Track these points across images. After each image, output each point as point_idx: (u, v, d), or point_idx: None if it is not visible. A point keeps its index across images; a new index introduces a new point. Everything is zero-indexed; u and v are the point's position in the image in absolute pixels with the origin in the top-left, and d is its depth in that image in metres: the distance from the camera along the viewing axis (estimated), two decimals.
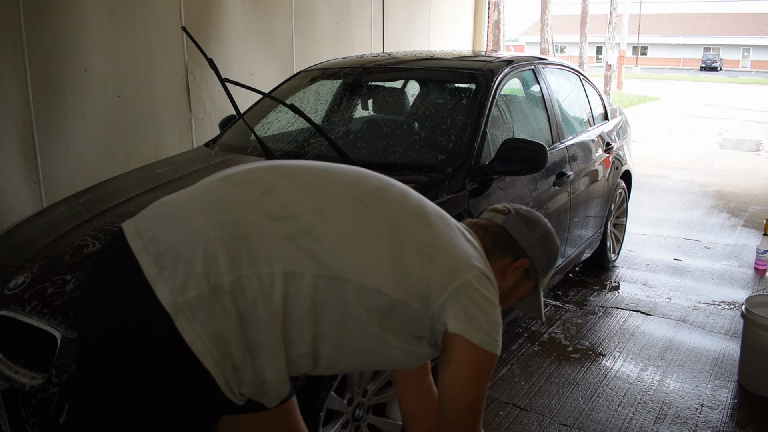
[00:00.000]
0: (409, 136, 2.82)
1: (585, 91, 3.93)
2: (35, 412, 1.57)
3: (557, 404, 2.53)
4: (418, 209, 1.20)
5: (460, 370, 1.13)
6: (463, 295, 1.12)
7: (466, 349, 1.12)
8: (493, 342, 1.14)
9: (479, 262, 1.20)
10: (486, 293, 1.15)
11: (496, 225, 1.34)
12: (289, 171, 1.18)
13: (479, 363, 1.14)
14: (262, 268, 1.01)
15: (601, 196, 3.67)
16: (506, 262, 1.32)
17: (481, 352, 1.13)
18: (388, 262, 1.08)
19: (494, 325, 1.15)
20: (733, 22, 47.18)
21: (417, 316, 1.11)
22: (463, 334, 1.11)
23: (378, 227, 1.11)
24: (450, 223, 1.23)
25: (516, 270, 1.32)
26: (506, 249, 1.32)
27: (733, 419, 2.45)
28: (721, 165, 8.05)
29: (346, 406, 1.88)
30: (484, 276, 1.17)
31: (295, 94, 3.22)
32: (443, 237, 1.17)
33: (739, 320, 3.26)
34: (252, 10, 4.86)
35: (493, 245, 1.31)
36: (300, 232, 1.05)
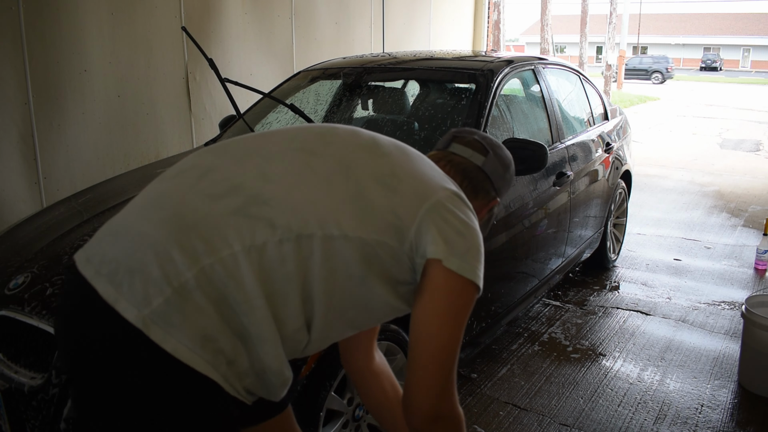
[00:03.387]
0: (409, 136, 2.82)
1: (585, 91, 3.93)
2: (35, 412, 1.57)
3: (557, 404, 2.53)
4: (370, 143, 1.10)
5: (434, 301, 1.01)
6: (436, 217, 1.02)
7: (443, 276, 1.01)
8: (471, 269, 1.02)
9: (450, 184, 1.10)
10: (461, 214, 1.04)
11: (474, 166, 1.24)
12: (223, 147, 1.10)
13: (456, 293, 1.02)
14: (222, 251, 0.93)
15: (601, 196, 3.67)
16: (481, 204, 1.25)
17: (459, 280, 1.01)
18: (348, 202, 0.99)
19: (472, 250, 1.03)
20: (733, 22, 47.18)
21: (395, 254, 1.00)
22: (440, 258, 1.00)
23: (328, 170, 1.02)
24: (410, 152, 1.14)
25: (486, 209, 1.27)
26: (485, 191, 1.25)
27: (733, 419, 2.45)
28: (721, 165, 8.05)
29: (346, 406, 1.88)
30: (456, 196, 1.07)
31: (295, 94, 3.22)
32: (403, 164, 1.08)
33: (739, 320, 3.26)
34: (252, 10, 4.86)
35: (473, 192, 1.23)
36: (247, 203, 0.97)
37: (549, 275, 3.13)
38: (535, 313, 3.39)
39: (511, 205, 2.61)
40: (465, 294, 1.03)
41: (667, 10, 50.31)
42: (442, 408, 1.04)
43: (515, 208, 2.63)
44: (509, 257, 2.68)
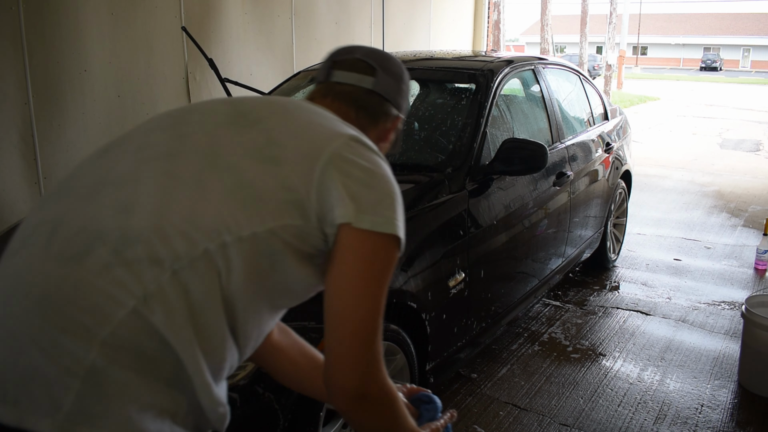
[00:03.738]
0: (409, 136, 2.82)
1: (585, 91, 3.93)
2: None
3: (557, 404, 2.53)
4: (233, 114, 0.94)
5: (350, 268, 0.88)
6: (334, 174, 0.88)
7: (356, 238, 0.87)
8: (387, 222, 0.88)
9: (342, 126, 0.96)
10: (363, 162, 0.90)
11: (364, 91, 1.08)
12: (65, 187, 0.92)
13: (373, 254, 0.88)
14: (116, 315, 0.78)
15: (601, 196, 3.67)
16: (382, 129, 1.11)
17: (375, 238, 0.88)
18: (229, 198, 0.85)
19: (385, 200, 0.90)
20: (733, 22, 47.19)
21: (302, 233, 0.87)
22: (350, 221, 0.87)
23: (194, 169, 0.86)
24: (287, 105, 0.99)
25: (392, 129, 1.14)
26: (385, 114, 1.10)
27: (733, 419, 2.45)
28: (721, 165, 8.05)
29: None
30: (353, 141, 0.93)
31: (295, 94, 3.22)
32: (280, 125, 0.93)
33: (739, 320, 3.26)
34: (252, 10, 4.86)
35: (372, 118, 1.09)
36: (117, 249, 0.80)
37: (549, 275, 3.13)
38: (535, 313, 3.39)
39: (511, 205, 2.61)
40: (383, 252, 0.89)
41: (667, 10, 50.33)
42: (368, 386, 0.90)
43: (515, 208, 2.63)
44: (509, 257, 2.68)
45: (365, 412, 0.91)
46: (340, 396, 0.90)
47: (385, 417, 0.94)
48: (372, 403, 0.91)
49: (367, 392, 0.90)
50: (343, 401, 0.90)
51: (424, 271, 2.08)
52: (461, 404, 2.51)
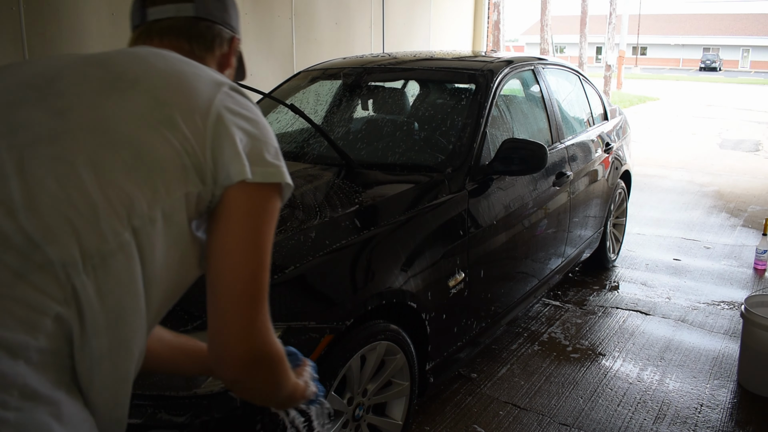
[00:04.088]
0: (409, 136, 2.82)
1: (585, 92, 3.94)
2: None
3: (557, 404, 2.53)
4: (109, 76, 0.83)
5: (238, 225, 0.84)
6: (225, 130, 0.83)
7: (246, 194, 0.83)
8: (277, 170, 0.86)
9: (212, 73, 0.90)
10: (246, 112, 0.87)
11: (187, 19, 1.00)
12: None
13: (262, 207, 0.85)
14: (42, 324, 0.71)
15: (600, 196, 3.67)
16: (219, 54, 1.05)
17: (265, 189, 0.85)
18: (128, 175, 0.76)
19: (270, 149, 0.87)
20: (733, 22, 47.20)
21: (200, 198, 0.83)
22: (245, 177, 0.82)
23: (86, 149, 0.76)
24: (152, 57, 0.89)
25: (232, 53, 1.07)
26: (219, 37, 1.03)
27: (733, 419, 2.45)
28: (720, 165, 8.05)
29: (346, 405, 1.88)
30: (232, 90, 0.89)
31: (295, 95, 3.22)
32: (160, 81, 0.84)
33: (738, 320, 3.27)
34: (252, 10, 4.87)
35: (205, 46, 1.02)
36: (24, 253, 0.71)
37: (549, 275, 3.14)
38: (535, 313, 3.40)
39: (511, 205, 2.62)
40: (272, 203, 0.86)
41: (667, 11, 50.34)
42: (262, 347, 0.86)
43: (515, 208, 2.64)
44: (509, 257, 2.68)
45: (258, 375, 0.88)
46: (232, 366, 0.85)
47: (277, 376, 0.92)
48: (266, 365, 0.88)
49: (262, 354, 0.87)
50: (236, 371, 0.86)
51: (424, 271, 2.09)
52: (461, 404, 2.51)
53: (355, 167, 2.46)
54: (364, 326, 1.85)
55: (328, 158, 2.57)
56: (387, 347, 1.95)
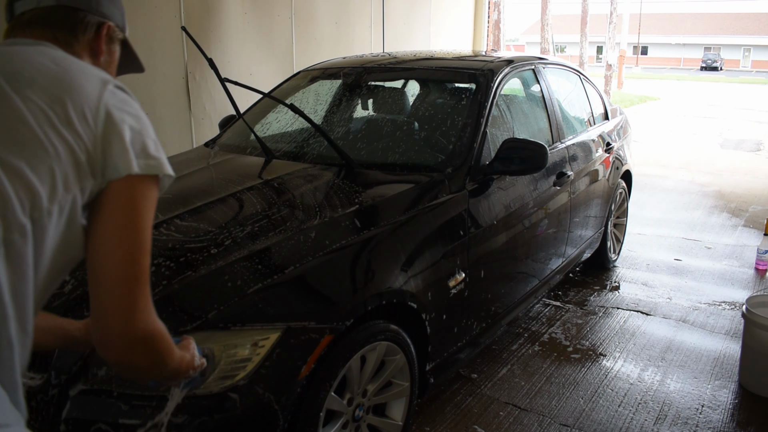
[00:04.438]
0: (409, 136, 2.82)
1: (585, 91, 3.93)
2: (35, 413, 1.57)
3: (557, 404, 2.52)
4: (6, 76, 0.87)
5: (119, 215, 0.88)
6: (112, 127, 0.88)
7: (128, 185, 0.89)
8: (158, 163, 0.92)
9: (95, 71, 0.94)
10: (129, 108, 0.92)
11: (53, 9, 1.01)
12: None
13: (142, 196, 0.90)
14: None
15: (601, 196, 3.66)
16: (90, 41, 1.05)
17: (145, 180, 0.91)
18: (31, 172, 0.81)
19: (151, 143, 0.93)
20: (734, 21, 47.17)
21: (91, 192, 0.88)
22: (130, 171, 0.88)
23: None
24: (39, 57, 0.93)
25: (105, 39, 1.07)
26: (85, 28, 1.03)
27: (734, 419, 2.45)
28: (721, 165, 8.04)
29: (346, 406, 1.87)
30: (115, 88, 0.93)
31: (294, 94, 3.22)
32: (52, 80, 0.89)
33: (739, 320, 3.26)
34: (252, 10, 4.86)
35: (70, 34, 1.02)
36: None
37: (549, 275, 3.13)
38: (536, 314, 3.39)
39: (512, 205, 2.61)
40: (150, 191, 0.92)
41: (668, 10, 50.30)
42: (143, 329, 0.89)
43: (515, 208, 2.63)
44: (509, 257, 2.68)
45: (141, 356, 0.91)
46: (115, 348, 0.89)
47: (160, 354, 0.95)
48: (148, 345, 0.91)
49: (144, 336, 0.90)
50: (119, 352, 0.89)
51: (424, 271, 2.08)
52: (461, 404, 2.50)
53: (355, 167, 2.46)
54: (364, 326, 1.85)
55: (328, 158, 2.57)
56: (387, 347, 1.95)
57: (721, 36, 46.42)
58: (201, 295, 1.67)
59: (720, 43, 46.38)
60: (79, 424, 1.52)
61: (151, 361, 0.94)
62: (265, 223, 2.00)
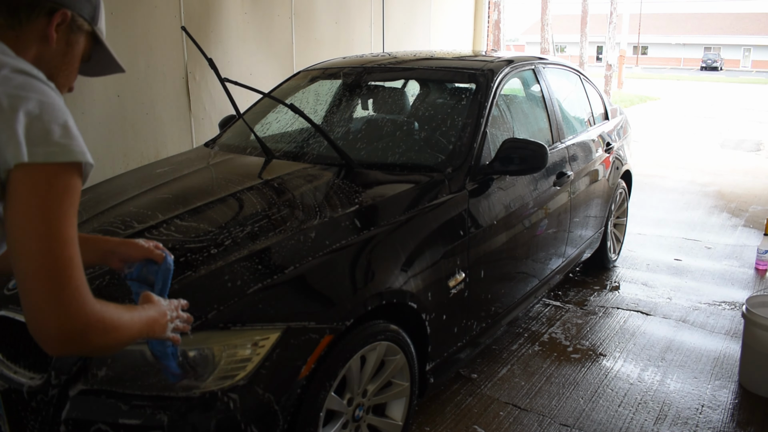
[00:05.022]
0: (409, 136, 2.82)
1: (585, 91, 3.93)
2: (34, 413, 1.57)
3: (557, 404, 2.52)
4: None
5: (26, 206, 0.85)
6: (4, 111, 0.84)
7: (29, 176, 0.84)
8: (63, 150, 0.86)
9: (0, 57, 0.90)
10: (28, 93, 0.87)
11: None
12: None
13: (49, 185, 0.85)
14: None
15: (601, 196, 3.66)
16: (41, 26, 0.99)
17: (51, 169, 0.85)
18: None
19: (56, 129, 0.87)
20: (734, 21, 47.16)
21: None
22: (23, 160, 0.84)
23: None
24: None
25: (59, 28, 1.01)
26: (31, 10, 0.98)
27: (734, 419, 2.45)
28: (721, 165, 8.04)
29: (346, 406, 1.87)
30: (15, 72, 0.89)
31: (294, 94, 3.22)
32: None
33: (739, 320, 3.26)
34: (252, 10, 4.86)
35: (11, 16, 0.97)
36: None
37: (549, 275, 3.13)
38: (536, 314, 3.39)
39: (512, 205, 2.61)
40: (61, 180, 0.86)
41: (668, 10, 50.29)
42: (74, 321, 0.86)
43: (515, 208, 2.63)
44: (509, 257, 2.68)
45: (84, 344, 0.89)
46: (51, 342, 0.87)
47: (108, 336, 0.91)
48: (87, 334, 0.88)
49: (80, 326, 0.87)
50: (55, 346, 0.87)
51: (424, 271, 2.08)
52: (461, 405, 2.50)
53: (355, 167, 2.46)
54: (364, 326, 1.85)
55: (328, 158, 2.57)
56: (387, 347, 1.95)
57: (721, 36, 46.41)
58: (201, 295, 1.67)
59: (720, 43, 46.36)
60: (79, 425, 1.52)
61: (101, 344, 0.91)
62: (265, 223, 2.00)
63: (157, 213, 2.07)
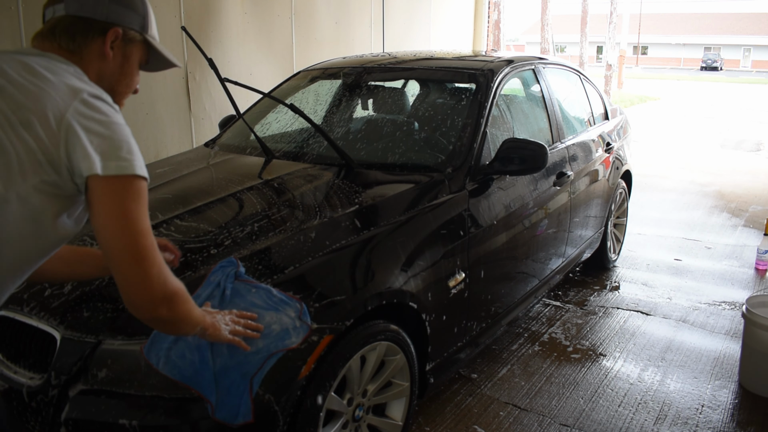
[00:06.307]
0: (409, 136, 2.82)
1: (585, 91, 3.93)
2: (34, 414, 1.57)
3: (557, 404, 2.52)
4: None
5: (105, 210, 1.04)
6: (77, 132, 1.01)
7: (104, 185, 1.03)
8: (129, 164, 1.05)
9: (74, 81, 1.07)
10: (97, 114, 1.05)
11: (60, 19, 1.14)
12: None
13: (122, 193, 1.05)
14: None
15: (601, 196, 3.66)
16: (98, 45, 1.15)
17: (121, 180, 1.04)
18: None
19: (123, 146, 1.05)
20: (734, 21, 47.16)
21: (59, 185, 1.03)
22: (96, 172, 1.02)
23: None
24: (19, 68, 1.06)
25: (113, 44, 1.17)
26: (87, 33, 1.14)
27: (734, 419, 2.45)
28: (721, 165, 8.04)
29: (346, 406, 1.87)
30: (89, 96, 1.06)
31: (294, 94, 3.22)
32: (22, 90, 1.02)
33: (739, 320, 3.26)
34: (252, 10, 4.86)
35: (72, 41, 1.13)
36: None
37: (549, 275, 3.13)
38: (536, 314, 3.39)
39: (512, 205, 2.61)
40: (131, 189, 1.06)
41: (668, 10, 50.29)
42: (161, 290, 1.09)
43: (515, 208, 2.63)
44: (509, 257, 2.68)
45: (167, 310, 1.12)
46: (142, 312, 1.11)
47: (184, 307, 1.16)
48: (167, 306, 1.11)
49: (164, 295, 1.10)
50: (147, 316, 1.12)
51: (424, 271, 2.08)
52: (461, 405, 2.50)
53: (355, 167, 2.46)
54: (364, 326, 1.85)
55: (328, 158, 2.57)
56: (387, 348, 1.95)
57: (721, 36, 46.41)
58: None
59: (720, 43, 46.36)
60: (79, 425, 1.52)
61: (181, 312, 1.15)
62: (265, 223, 2.00)
63: (157, 213, 2.07)
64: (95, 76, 1.15)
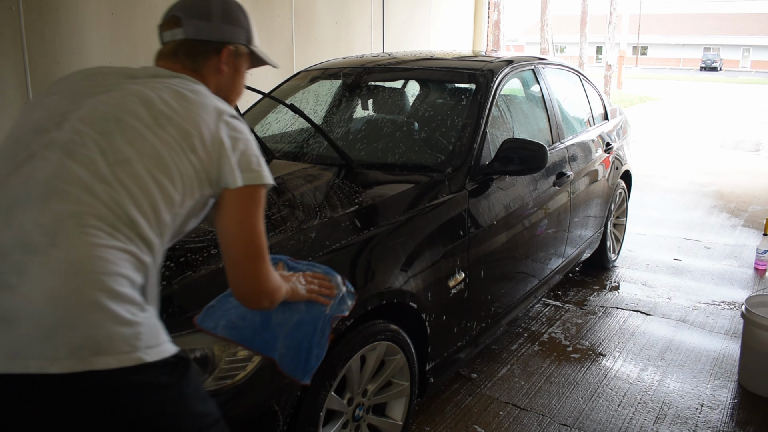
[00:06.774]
0: (409, 136, 2.82)
1: (585, 91, 3.93)
2: None
3: (557, 404, 2.53)
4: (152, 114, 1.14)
5: (235, 212, 1.19)
6: (226, 152, 1.16)
7: (238, 193, 1.17)
8: (259, 175, 1.20)
9: (216, 105, 1.20)
10: (239, 135, 1.20)
11: (181, 43, 1.28)
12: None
13: (250, 200, 1.19)
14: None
15: (601, 196, 3.67)
16: (214, 62, 1.30)
17: (252, 188, 1.19)
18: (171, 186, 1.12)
19: (253, 158, 1.20)
20: (733, 22, 47.18)
21: (210, 196, 1.18)
22: (238, 184, 1.16)
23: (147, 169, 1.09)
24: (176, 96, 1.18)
25: (227, 60, 1.31)
26: (205, 53, 1.29)
27: (733, 419, 2.45)
28: (721, 165, 8.05)
29: (346, 406, 1.88)
30: (230, 117, 1.20)
31: (295, 94, 3.22)
32: (183, 117, 1.15)
33: (739, 320, 3.26)
34: (252, 10, 4.85)
35: (193, 61, 1.28)
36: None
37: (549, 275, 3.13)
38: (535, 313, 3.39)
39: (511, 205, 2.61)
40: (257, 196, 1.20)
41: (667, 10, 50.31)
42: (267, 287, 1.24)
43: (515, 208, 2.63)
44: (509, 257, 2.68)
45: (268, 301, 1.28)
46: (250, 300, 1.26)
47: (276, 298, 1.30)
48: (272, 295, 1.27)
49: (267, 291, 1.25)
50: (254, 300, 1.26)
51: (424, 271, 2.08)
52: (461, 404, 2.51)
53: (355, 167, 2.46)
54: (364, 326, 1.85)
55: (328, 158, 2.57)
56: (387, 347, 1.95)
57: (721, 36, 46.42)
58: (201, 295, 1.67)
59: (720, 43, 46.38)
60: None
61: (278, 299, 1.30)
62: (264, 223, 2.00)
63: None
64: (214, 88, 1.29)
